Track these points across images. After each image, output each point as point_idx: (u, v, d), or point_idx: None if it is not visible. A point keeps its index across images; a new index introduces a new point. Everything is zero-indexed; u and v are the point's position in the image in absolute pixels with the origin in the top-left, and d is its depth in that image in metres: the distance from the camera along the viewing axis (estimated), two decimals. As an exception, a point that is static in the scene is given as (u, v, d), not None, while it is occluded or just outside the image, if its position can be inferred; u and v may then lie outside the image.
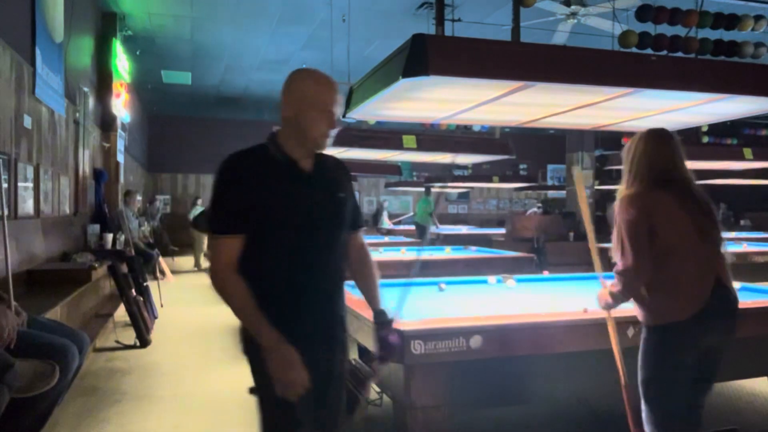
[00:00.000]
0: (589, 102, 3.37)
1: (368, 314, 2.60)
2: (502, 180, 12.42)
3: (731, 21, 3.67)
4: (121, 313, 5.37)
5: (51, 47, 5.29)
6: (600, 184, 9.79)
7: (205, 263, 10.94)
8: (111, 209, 7.59)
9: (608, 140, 10.10)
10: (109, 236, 6.67)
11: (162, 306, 6.70)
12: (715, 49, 3.52)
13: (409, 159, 9.28)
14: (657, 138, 2.18)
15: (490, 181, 12.40)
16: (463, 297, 3.47)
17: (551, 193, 15.88)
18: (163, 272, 8.69)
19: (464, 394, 2.46)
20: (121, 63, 8.38)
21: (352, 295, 3.21)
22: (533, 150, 15.91)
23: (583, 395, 3.03)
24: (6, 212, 3.23)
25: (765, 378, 3.30)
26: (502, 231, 10.07)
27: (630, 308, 2.21)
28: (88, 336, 3.19)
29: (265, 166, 1.65)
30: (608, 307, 2.24)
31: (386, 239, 8.93)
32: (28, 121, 4.67)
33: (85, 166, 6.83)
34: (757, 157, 7.49)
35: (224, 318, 6.32)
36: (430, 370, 2.34)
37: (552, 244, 8.40)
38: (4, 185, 3.36)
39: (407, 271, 5.16)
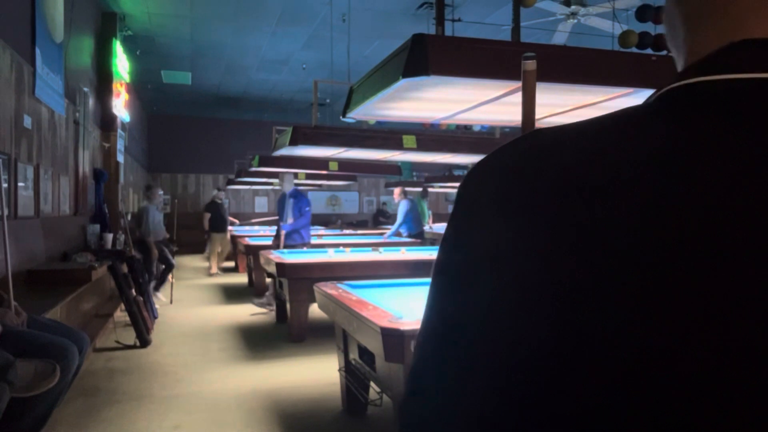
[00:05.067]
0: (589, 102, 3.38)
1: (368, 314, 2.61)
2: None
3: (731, 21, 3.68)
4: (121, 313, 5.37)
5: (51, 47, 5.29)
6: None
7: (214, 268, 10.45)
8: (111, 209, 7.59)
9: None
10: (109, 236, 6.68)
11: (171, 303, 7.10)
12: (715, 49, 3.53)
13: (409, 159, 9.29)
14: None
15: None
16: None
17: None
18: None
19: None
20: (121, 63, 8.38)
21: (351, 294, 3.22)
22: (533, 150, 15.91)
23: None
24: (6, 212, 3.23)
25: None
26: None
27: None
28: (88, 336, 3.20)
29: None
30: None
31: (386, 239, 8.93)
32: (28, 121, 4.67)
33: (85, 166, 6.83)
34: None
35: (224, 318, 6.33)
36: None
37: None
38: (4, 185, 3.37)
39: (407, 271, 5.18)
